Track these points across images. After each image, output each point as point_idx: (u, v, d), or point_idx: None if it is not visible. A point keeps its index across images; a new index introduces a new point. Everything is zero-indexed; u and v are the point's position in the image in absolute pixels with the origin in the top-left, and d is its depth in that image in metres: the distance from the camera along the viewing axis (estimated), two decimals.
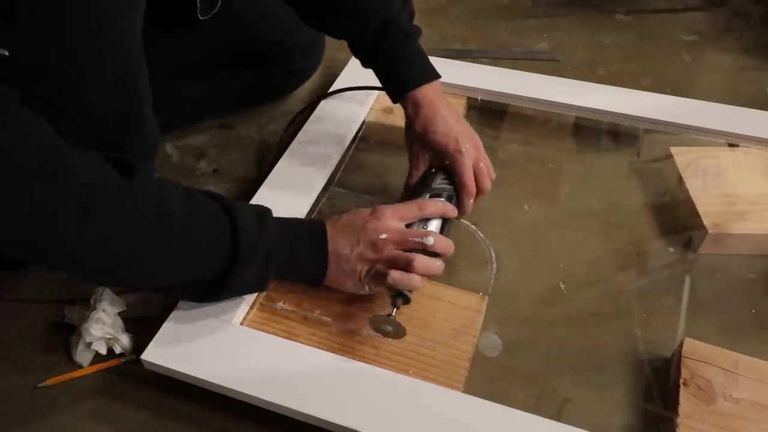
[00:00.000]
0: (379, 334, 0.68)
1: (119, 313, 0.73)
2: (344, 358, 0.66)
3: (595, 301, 0.78)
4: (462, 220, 0.84)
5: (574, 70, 1.20)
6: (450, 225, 0.75)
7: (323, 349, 0.67)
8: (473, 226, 0.85)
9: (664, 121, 0.96)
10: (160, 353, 0.66)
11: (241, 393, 0.63)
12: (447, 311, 0.73)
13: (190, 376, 0.64)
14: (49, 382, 0.69)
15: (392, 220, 0.69)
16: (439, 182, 0.77)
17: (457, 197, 0.77)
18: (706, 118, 0.96)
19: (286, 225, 0.68)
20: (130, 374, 0.70)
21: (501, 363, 0.71)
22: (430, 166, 0.80)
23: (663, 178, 0.94)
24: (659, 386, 0.69)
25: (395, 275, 0.66)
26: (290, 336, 0.69)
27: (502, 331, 0.74)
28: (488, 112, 1.05)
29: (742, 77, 1.19)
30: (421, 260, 0.67)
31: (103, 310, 0.71)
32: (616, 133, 1.02)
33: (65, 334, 0.73)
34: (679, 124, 0.96)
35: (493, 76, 1.05)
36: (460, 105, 1.02)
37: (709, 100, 1.00)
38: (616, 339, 0.74)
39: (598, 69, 1.20)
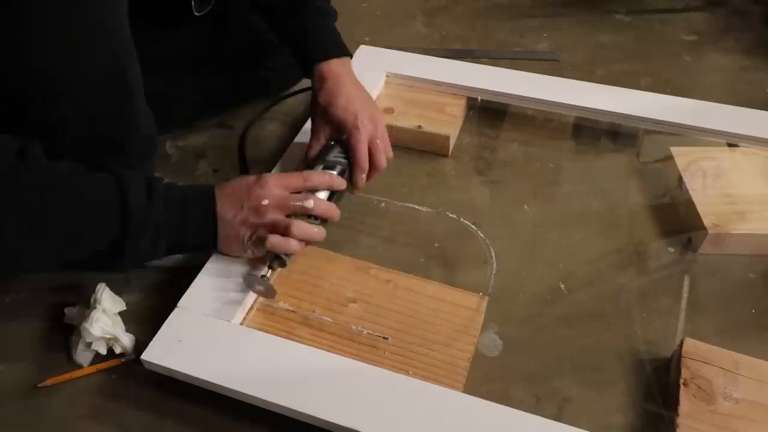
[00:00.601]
0: (252, 291, 0.71)
1: (119, 313, 0.73)
2: (344, 358, 0.66)
3: (595, 300, 0.78)
4: (462, 219, 0.84)
5: (574, 70, 1.20)
6: (340, 197, 0.77)
7: (323, 349, 0.67)
8: (473, 227, 0.85)
9: (664, 121, 0.96)
10: (160, 353, 0.66)
11: (241, 393, 0.63)
12: (447, 311, 0.73)
13: (190, 376, 0.64)
14: (49, 382, 0.69)
15: (276, 188, 0.71)
16: (335, 155, 0.79)
17: (349, 172, 0.79)
18: (706, 118, 0.96)
19: (174, 192, 0.68)
20: (130, 374, 0.70)
21: (501, 363, 0.71)
22: (329, 138, 0.81)
23: (663, 178, 0.94)
24: (659, 386, 0.69)
25: (273, 240, 0.69)
26: (290, 336, 0.69)
27: (502, 331, 0.74)
28: (488, 112, 1.05)
29: (742, 77, 1.19)
30: (298, 225, 0.70)
31: (103, 310, 0.71)
32: (616, 133, 1.02)
33: (65, 334, 0.73)
34: (679, 124, 0.96)
35: (493, 76, 1.05)
36: (460, 105, 1.02)
37: (709, 100, 1.00)
38: (616, 339, 0.74)
39: (598, 69, 1.20)
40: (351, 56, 0.85)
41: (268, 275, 0.70)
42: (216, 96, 1.02)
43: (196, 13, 0.88)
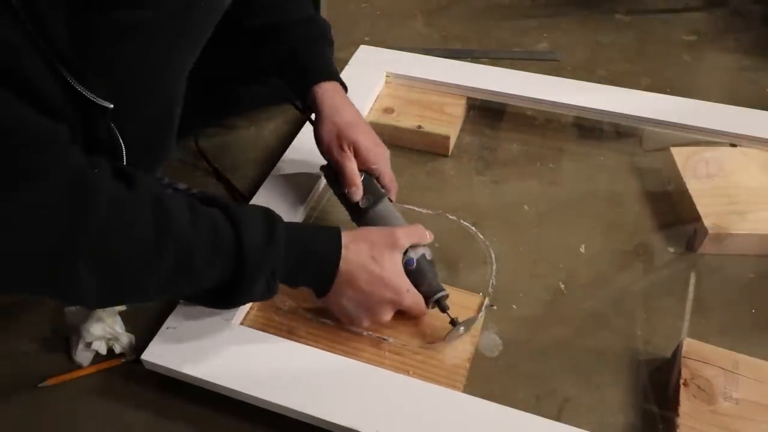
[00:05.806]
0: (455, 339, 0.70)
1: (119, 313, 0.73)
2: (344, 358, 0.66)
3: (595, 301, 0.78)
4: (461, 221, 0.84)
5: (574, 70, 1.20)
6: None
7: (323, 349, 0.67)
8: (473, 228, 0.85)
9: (664, 121, 0.96)
10: (160, 353, 0.66)
11: (241, 393, 0.63)
12: None
13: (190, 376, 0.65)
14: (49, 382, 0.69)
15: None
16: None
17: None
18: (706, 118, 0.96)
19: (296, 243, 0.64)
20: (130, 374, 0.70)
21: (501, 363, 0.71)
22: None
23: (663, 178, 0.94)
24: (659, 386, 0.69)
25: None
26: (290, 336, 0.70)
27: (502, 331, 0.74)
28: (488, 112, 1.05)
29: (742, 77, 1.19)
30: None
31: (104, 310, 0.71)
32: (616, 133, 1.02)
33: (65, 334, 0.73)
34: (679, 124, 0.96)
35: (493, 76, 1.05)
36: (460, 105, 1.02)
37: (709, 100, 1.00)
38: (616, 339, 0.74)
39: (598, 69, 1.20)
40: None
41: (456, 328, 0.69)
42: (224, 108, 1.03)
43: None
